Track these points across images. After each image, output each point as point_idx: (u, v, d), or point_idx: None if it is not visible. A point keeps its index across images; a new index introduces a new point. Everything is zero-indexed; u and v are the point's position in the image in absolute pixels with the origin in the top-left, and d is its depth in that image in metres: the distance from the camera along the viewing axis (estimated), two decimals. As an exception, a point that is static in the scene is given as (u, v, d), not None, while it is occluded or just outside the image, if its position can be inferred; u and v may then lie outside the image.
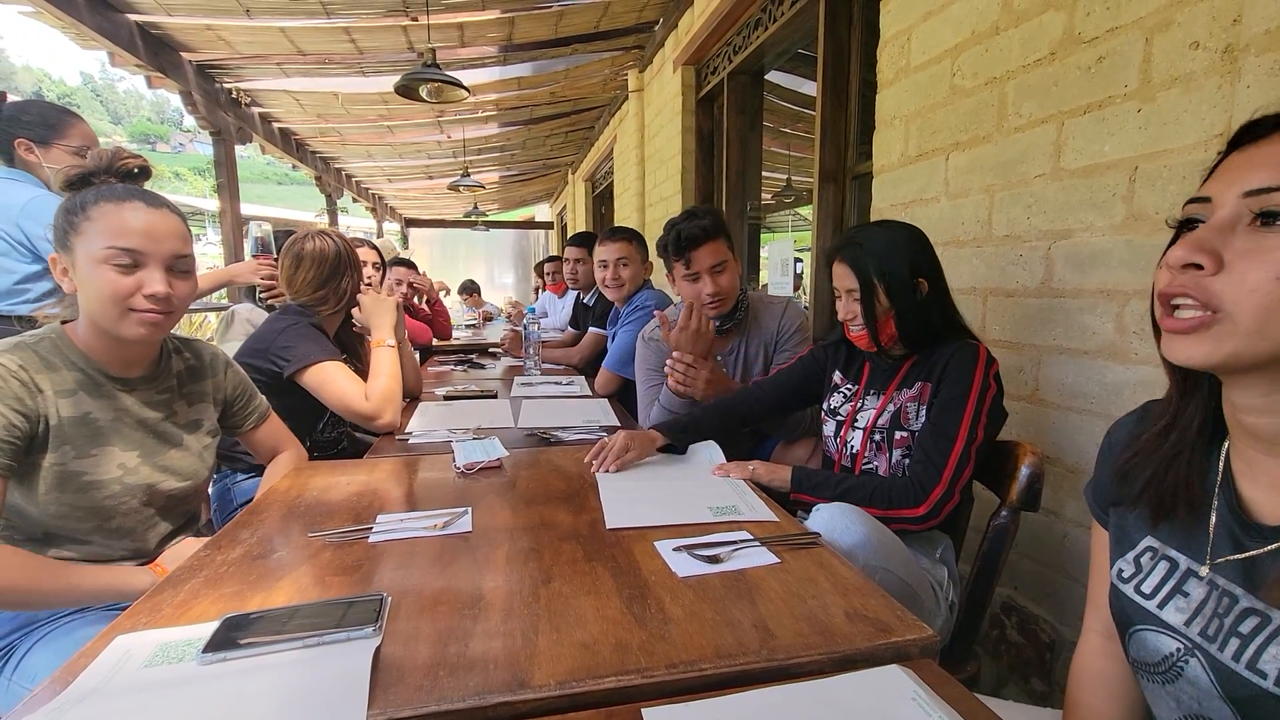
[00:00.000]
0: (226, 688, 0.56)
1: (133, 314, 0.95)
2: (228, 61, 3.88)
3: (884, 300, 1.13)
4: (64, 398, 0.95)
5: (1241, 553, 0.55)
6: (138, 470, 1.01)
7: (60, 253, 0.96)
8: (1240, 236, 0.50)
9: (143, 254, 0.94)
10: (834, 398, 1.29)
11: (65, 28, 2.86)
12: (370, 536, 0.90)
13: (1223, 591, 0.56)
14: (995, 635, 1.52)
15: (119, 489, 0.99)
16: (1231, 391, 0.56)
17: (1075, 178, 1.27)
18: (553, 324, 4.32)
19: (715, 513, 0.97)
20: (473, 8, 3.38)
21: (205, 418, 1.16)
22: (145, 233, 0.94)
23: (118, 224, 0.93)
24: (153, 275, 0.95)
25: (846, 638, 0.64)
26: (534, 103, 5.38)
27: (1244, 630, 0.53)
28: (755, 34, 2.96)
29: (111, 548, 1.02)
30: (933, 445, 1.06)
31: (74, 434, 0.95)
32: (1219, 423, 0.60)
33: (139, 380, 1.05)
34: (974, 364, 1.07)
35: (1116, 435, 0.70)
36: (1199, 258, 0.51)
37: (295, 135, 5.70)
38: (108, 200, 0.95)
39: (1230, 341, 0.50)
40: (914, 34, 1.71)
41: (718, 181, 3.65)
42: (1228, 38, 1.00)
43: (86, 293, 0.94)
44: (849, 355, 1.30)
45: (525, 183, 9.69)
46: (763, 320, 1.70)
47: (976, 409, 1.05)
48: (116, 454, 0.99)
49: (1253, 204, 0.50)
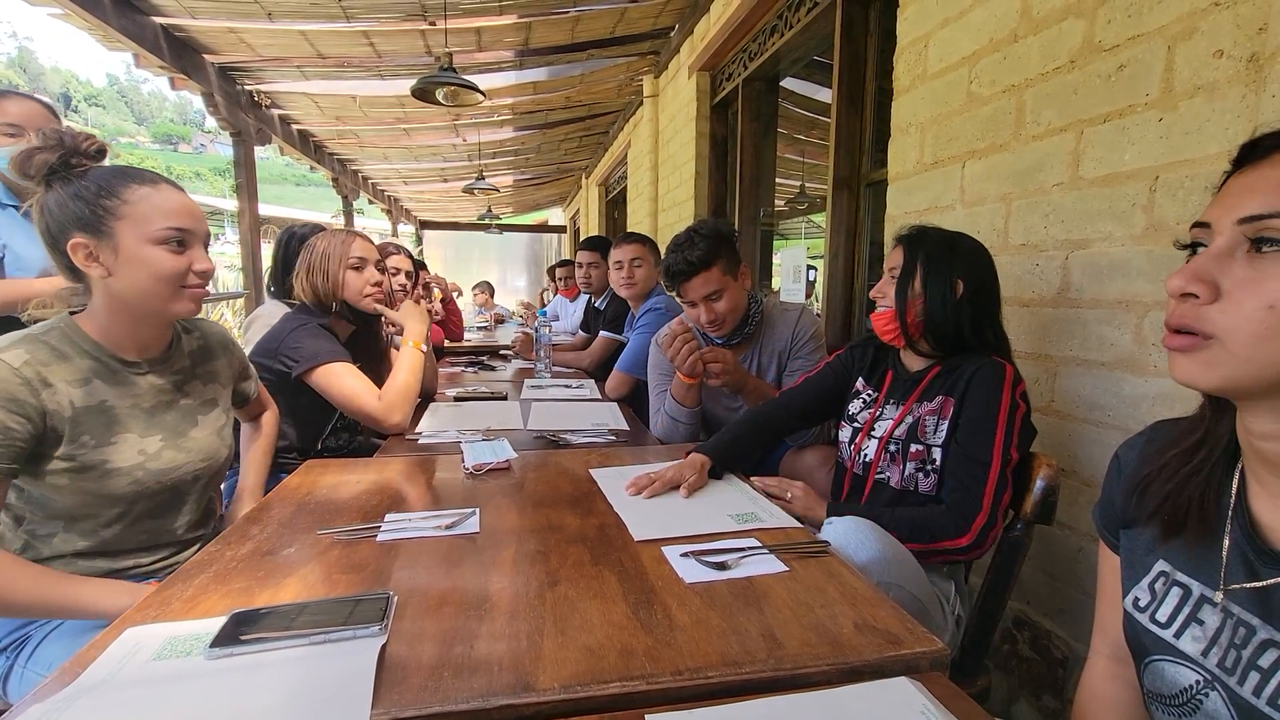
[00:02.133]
0: (233, 682, 0.57)
1: (185, 290, 0.99)
2: (249, 64, 3.94)
3: (918, 286, 1.12)
4: (78, 387, 0.95)
5: (1256, 579, 0.54)
6: (160, 455, 1.02)
7: (89, 237, 0.93)
8: (1238, 264, 0.50)
9: (191, 233, 0.99)
10: (854, 404, 1.28)
11: (92, 29, 2.91)
12: (378, 535, 0.90)
13: (1238, 620, 0.54)
14: (1007, 650, 1.50)
15: (142, 474, 0.99)
16: (1244, 415, 0.55)
17: (1094, 187, 1.25)
18: (564, 327, 4.33)
19: (738, 519, 0.96)
20: (490, 13, 3.40)
21: (219, 397, 1.17)
22: (190, 213, 0.99)
23: (167, 205, 0.97)
24: (200, 253, 1.01)
25: (855, 649, 0.63)
26: (549, 107, 5.41)
27: (1264, 664, 0.51)
28: (771, 41, 2.97)
29: (131, 537, 1.01)
30: (968, 472, 1.03)
31: (91, 423, 0.95)
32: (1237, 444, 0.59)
33: (153, 362, 1.06)
34: (1000, 382, 1.05)
35: (1126, 456, 0.70)
36: (1195, 287, 0.51)
37: (313, 137, 5.77)
38: (138, 183, 0.96)
39: (1223, 367, 0.50)
40: (931, 41, 1.70)
41: (731, 187, 3.65)
42: (1253, 46, 0.98)
43: (133, 275, 0.95)
44: (874, 361, 1.29)
45: (539, 186, 9.74)
46: (777, 328, 1.69)
47: (1008, 430, 1.02)
48: (136, 440, 1.00)
49: (1248, 230, 0.50)
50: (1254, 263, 0.49)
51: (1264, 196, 0.49)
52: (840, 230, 2.46)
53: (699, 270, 1.54)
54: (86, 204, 0.93)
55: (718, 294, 1.57)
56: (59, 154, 0.95)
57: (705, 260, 1.53)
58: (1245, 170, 0.52)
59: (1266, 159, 0.51)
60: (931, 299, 1.12)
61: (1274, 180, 0.49)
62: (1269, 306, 0.48)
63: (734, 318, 1.62)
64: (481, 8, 3.33)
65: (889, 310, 1.15)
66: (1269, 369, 0.49)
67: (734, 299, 1.59)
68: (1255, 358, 0.49)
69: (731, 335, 1.65)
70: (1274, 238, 0.48)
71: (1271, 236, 0.48)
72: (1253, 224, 0.49)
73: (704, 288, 1.55)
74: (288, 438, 1.59)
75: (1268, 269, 0.48)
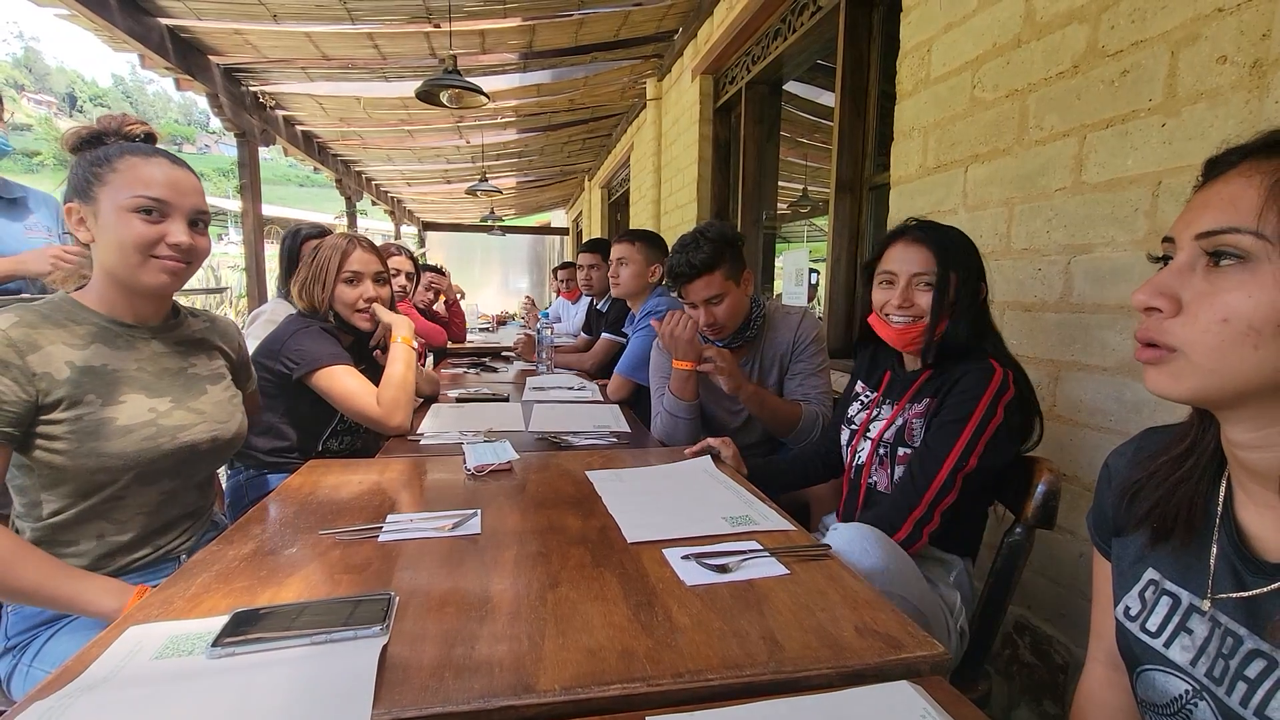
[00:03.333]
0: (234, 681, 0.57)
1: (154, 260, 0.98)
2: (254, 65, 3.95)
3: (951, 294, 1.06)
4: (77, 350, 0.96)
5: (1243, 589, 0.54)
6: (171, 414, 1.03)
7: (80, 202, 0.97)
8: (1198, 277, 0.52)
9: (168, 204, 0.98)
10: (853, 406, 1.27)
11: (98, 30, 2.92)
12: (380, 536, 0.90)
13: (1226, 630, 0.55)
14: (1008, 655, 1.49)
15: (154, 430, 1.00)
16: (1225, 426, 0.56)
17: (1097, 192, 1.25)
18: (566, 329, 4.33)
19: (731, 523, 0.96)
20: (494, 15, 3.42)
21: (226, 374, 1.18)
22: (170, 185, 0.99)
23: (146, 175, 0.97)
24: (177, 225, 0.99)
25: (856, 652, 0.63)
26: (552, 109, 5.42)
27: (1250, 674, 0.52)
28: (774, 44, 2.97)
29: (146, 501, 1.02)
30: (919, 467, 1.04)
31: (93, 383, 0.96)
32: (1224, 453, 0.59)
33: (158, 328, 1.07)
34: (982, 389, 1.02)
35: (1115, 464, 0.70)
36: (1157, 301, 0.53)
37: (318, 138, 5.79)
38: (133, 154, 0.98)
39: (1189, 378, 0.52)
40: (934, 45, 1.71)
41: (733, 190, 3.65)
42: (1256, 52, 0.98)
43: (108, 240, 0.96)
44: (871, 361, 1.28)
45: (542, 188, 9.75)
46: (779, 331, 1.69)
47: (974, 436, 1.00)
48: (145, 400, 1.00)
49: (1204, 245, 0.51)
50: (1210, 277, 0.51)
51: (1217, 212, 0.50)
52: (843, 234, 2.47)
53: (701, 273, 1.54)
54: (84, 171, 0.97)
55: (719, 298, 1.57)
56: (94, 132, 1.01)
57: (708, 264, 1.53)
58: (1205, 186, 0.54)
59: (1223, 175, 0.52)
60: (961, 308, 1.06)
61: (1227, 196, 0.50)
62: (1223, 320, 0.49)
63: (734, 323, 1.61)
64: (486, 10, 3.34)
65: (921, 323, 1.08)
66: (1232, 379, 0.50)
67: (735, 304, 1.59)
68: (1216, 369, 0.50)
69: (732, 340, 1.65)
70: (1229, 252, 0.49)
71: (1226, 251, 0.50)
72: (1208, 239, 0.51)
73: (705, 291, 1.55)
74: (289, 439, 1.60)
75: (1221, 283, 0.50)
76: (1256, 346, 0.48)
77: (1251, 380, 0.49)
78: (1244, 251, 0.48)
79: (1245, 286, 0.48)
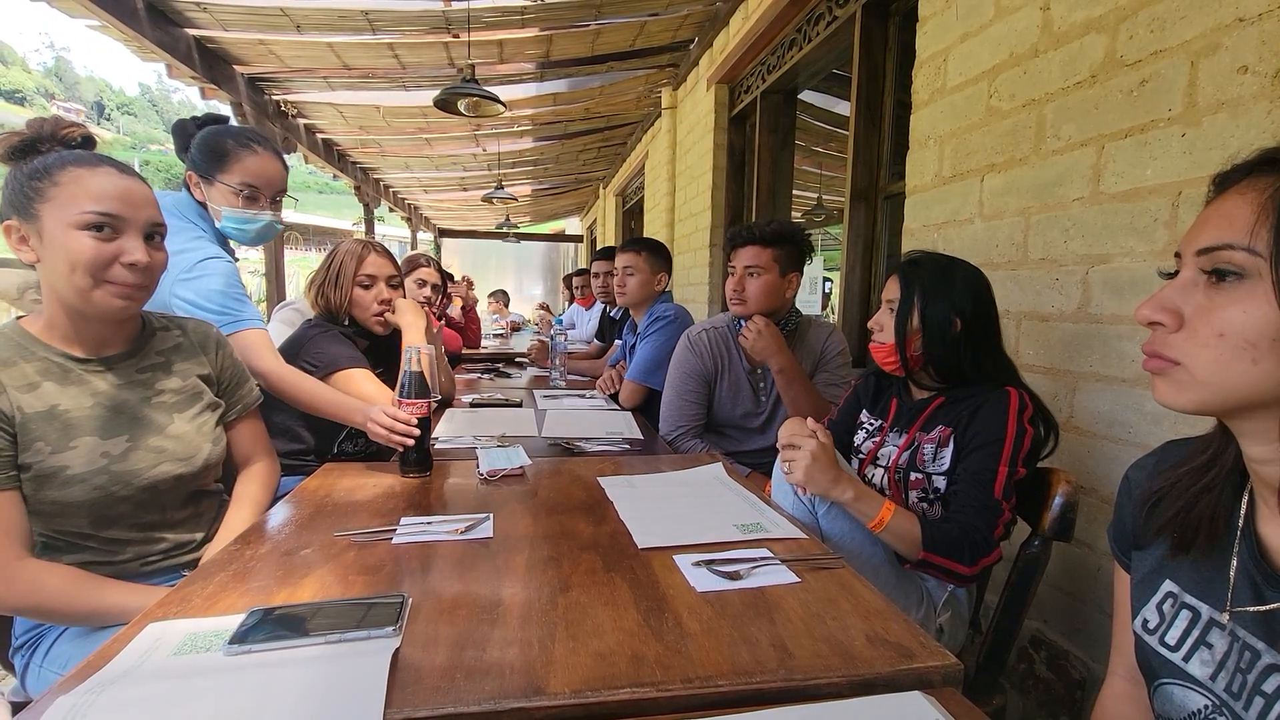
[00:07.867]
0: (250, 679, 0.58)
1: (108, 285, 0.89)
2: (277, 74, 4.03)
3: (915, 320, 1.11)
4: (26, 393, 0.88)
5: (1261, 603, 0.54)
6: (127, 456, 0.94)
7: (21, 221, 0.87)
8: (1200, 292, 0.53)
9: (122, 219, 0.89)
10: (858, 435, 1.27)
11: (128, 40, 3.00)
12: (393, 538, 0.91)
13: (1244, 644, 0.54)
14: (1023, 669, 1.47)
15: (105, 478, 0.91)
16: (1240, 440, 0.56)
17: (1115, 202, 1.24)
18: (579, 336, 4.35)
19: (742, 530, 0.96)
20: (512, 25, 3.46)
21: (202, 392, 1.08)
22: (122, 197, 0.89)
23: (94, 187, 0.87)
24: (133, 243, 0.89)
25: (867, 661, 0.63)
26: (568, 118, 5.47)
27: (1268, 689, 0.51)
28: (789, 54, 2.98)
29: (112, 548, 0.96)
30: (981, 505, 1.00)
31: (44, 429, 0.88)
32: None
33: (116, 358, 0.98)
34: (1005, 408, 1.03)
35: (1136, 476, 0.70)
36: (1160, 316, 0.54)
37: (337, 146, 5.88)
38: (75, 164, 0.88)
39: (1191, 390, 0.53)
40: (951, 55, 1.70)
41: (748, 199, 3.66)
42: (1278, 62, 0.97)
43: (55, 262, 0.87)
44: (876, 389, 1.28)
45: (557, 196, 9.82)
46: (808, 340, 1.76)
47: (1012, 462, 1.01)
48: (98, 444, 0.92)
49: (1203, 262, 0.52)
50: (1210, 292, 0.52)
51: (1214, 229, 0.51)
52: (857, 243, 2.46)
53: (755, 242, 1.63)
54: (21, 184, 0.87)
55: (757, 271, 1.63)
56: (25, 139, 0.91)
57: (766, 239, 1.62)
58: (1210, 202, 0.54)
59: (1225, 192, 0.53)
60: (930, 333, 1.10)
61: (1224, 212, 0.51)
62: (1219, 334, 0.50)
63: (760, 306, 1.65)
64: (504, 20, 3.39)
65: (889, 343, 1.14)
66: (1233, 393, 0.51)
67: (769, 287, 1.64)
68: (1215, 382, 0.51)
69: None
70: (1228, 269, 0.50)
71: (1224, 268, 0.50)
72: (1207, 255, 0.51)
73: (748, 259, 1.63)
74: (305, 441, 1.62)
75: (1219, 299, 0.51)
76: (1255, 361, 0.49)
77: (1253, 393, 0.50)
78: (1239, 267, 0.49)
79: (1241, 302, 0.49)
